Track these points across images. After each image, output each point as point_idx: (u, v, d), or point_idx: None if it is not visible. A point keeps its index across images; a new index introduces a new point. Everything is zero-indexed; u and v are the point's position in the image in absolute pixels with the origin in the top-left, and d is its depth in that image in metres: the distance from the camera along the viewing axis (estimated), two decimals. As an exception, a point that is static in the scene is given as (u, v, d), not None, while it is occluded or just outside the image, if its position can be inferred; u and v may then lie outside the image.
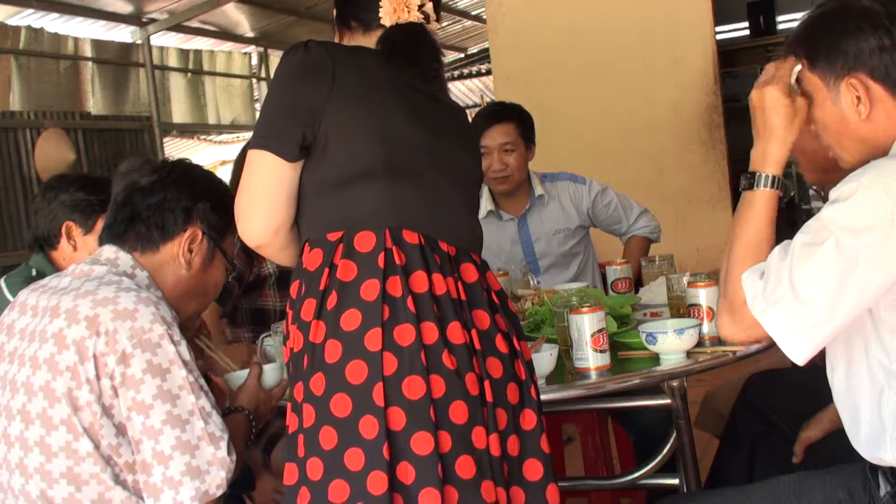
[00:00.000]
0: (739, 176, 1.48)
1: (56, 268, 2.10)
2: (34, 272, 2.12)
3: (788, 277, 1.29)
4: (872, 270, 1.25)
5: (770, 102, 1.41)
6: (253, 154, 1.46)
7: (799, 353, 1.30)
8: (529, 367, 1.50)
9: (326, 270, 1.40)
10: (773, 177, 1.41)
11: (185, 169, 1.69)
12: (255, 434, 2.20)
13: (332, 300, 1.37)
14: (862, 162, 1.41)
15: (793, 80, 1.42)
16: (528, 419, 1.45)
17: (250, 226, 1.47)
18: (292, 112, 1.44)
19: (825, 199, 1.36)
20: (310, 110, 1.43)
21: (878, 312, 1.31)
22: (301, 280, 1.44)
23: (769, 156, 1.42)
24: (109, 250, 1.61)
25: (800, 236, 1.31)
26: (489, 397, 1.38)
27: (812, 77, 1.40)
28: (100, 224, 2.10)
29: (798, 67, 1.42)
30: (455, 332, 1.37)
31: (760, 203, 1.40)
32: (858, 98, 1.35)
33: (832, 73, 1.37)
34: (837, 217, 1.27)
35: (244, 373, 1.81)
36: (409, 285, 1.37)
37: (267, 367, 1.80)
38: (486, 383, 1.38)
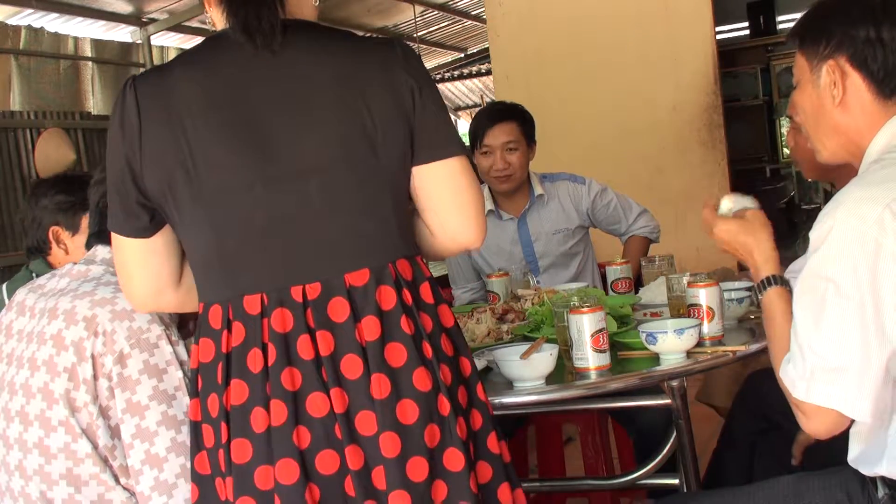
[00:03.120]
0: (739, 176, 1.49)
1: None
2: (34, 276, 2.10)
3: (809, 347, 1.27)
4: (883, 303, 1.23)
5: (727, 236, 1.55)
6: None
7: (862, 411, 1.26)
8: (466, 391, 1.30)
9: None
10: (773, 277, 1.48)
11: None
12: None
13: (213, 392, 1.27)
14: (838, 157, 1.43)
15: (724, 210, 1.59)
16: (454, 459, 1.25)
17: (131, 298, 1.38)
18: (117, 181, 1.29)
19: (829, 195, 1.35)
20: (129, 175, 1.27)
21: None
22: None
23: (759, 265, 1.51)
24: (104, 250, 1.60)
25: (799, 300, 1.30)
26: (355, 464, 1.20)
27: (800, 58, 1.42)
28: (84, 223, 2.09)
29: (727, 202, 1.59)
30: (314, 403, 1.21)
31: (775, 304, 1.45)
32: (835, 83, 1.36)
33: (816, 54, 1.38)
34: (825, 265, 1.26)
35: None
36: (246, 365, 1.23)
37: None
38: (351, 448, 1.20)
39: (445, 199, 1.32)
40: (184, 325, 1.62)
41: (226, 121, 1.24)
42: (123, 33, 6.98)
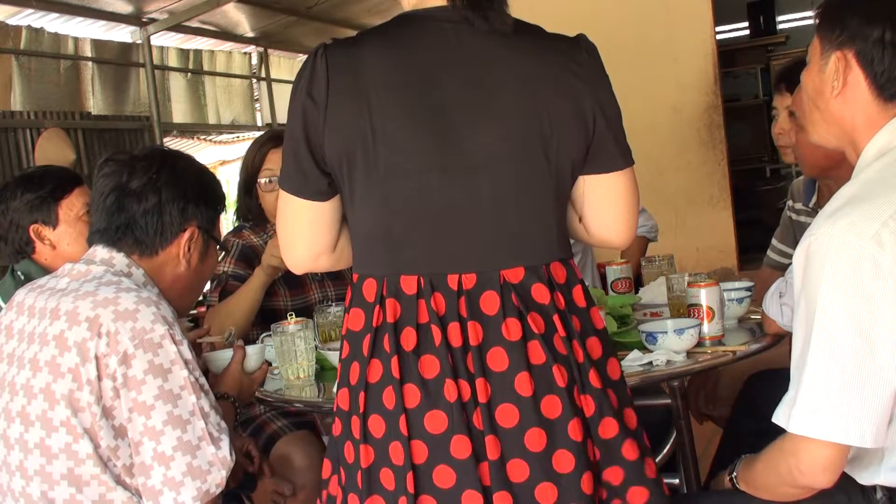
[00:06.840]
0: (739, 176, 1.48)
1: (43, 268, 2.10)
2: (22, 277, 2.10)
3: (814, 377, 1.25)
4: (882, 322, 1.21)
5: None
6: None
7: (872, 437, 1.23)
8: (616, 392, 1.32)
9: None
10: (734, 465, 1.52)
11: (172, 165, 1.65)
12: (250, 432, 2.20)
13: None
14: (827, 142, 1.44)
15: None
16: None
17: (290, 258, 1.40)
18: (297, 144, 1.30)
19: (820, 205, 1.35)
20: (308, 140, 1.28)
21: None
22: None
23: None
24: (104, 251, 1.60)
25: (799, 330, 1.29)
26: (492, 454, 1.22)
27: (816, 39, 1.41)
28: (62, 213, 2.11)
29: None
30: (451, 390, 1.22)
31: (757, 476, 1.45)
32: (838, 74, 1.36)
33: (829, 40, 1.38)
34: (822, 288, 1.23)
35: (224, 354, 1.80)
36: (399, 343, 1.25)
37: (250, 351, 1.79)
38: (490, 438, 1.22)
39: (610, 207, 1.37)
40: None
41: (412, 103, 1.26)
42: (123, 33, 6.98)
